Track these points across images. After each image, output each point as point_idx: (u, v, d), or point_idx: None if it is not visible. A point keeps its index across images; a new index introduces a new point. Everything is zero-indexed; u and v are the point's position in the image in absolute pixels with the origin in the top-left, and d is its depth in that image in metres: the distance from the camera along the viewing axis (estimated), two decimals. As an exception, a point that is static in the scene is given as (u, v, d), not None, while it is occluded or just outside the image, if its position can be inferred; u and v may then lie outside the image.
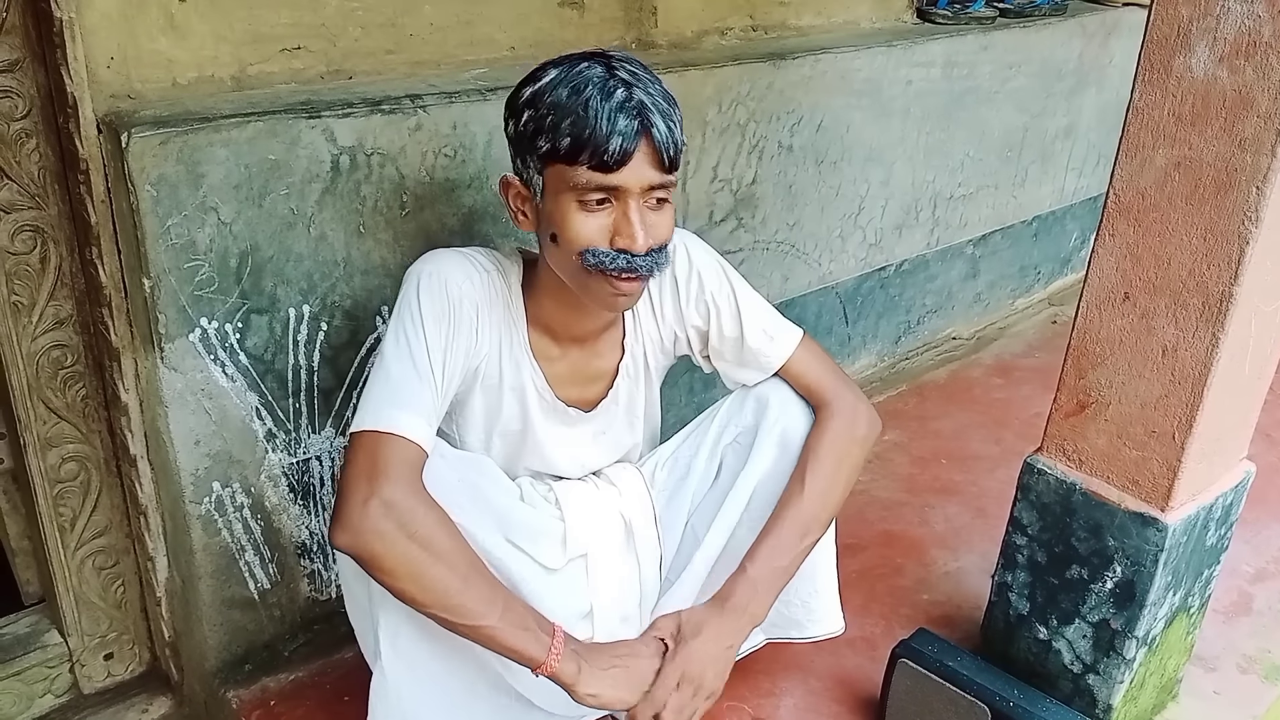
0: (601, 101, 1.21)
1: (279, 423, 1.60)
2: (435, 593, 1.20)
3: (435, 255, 1.37)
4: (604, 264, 1.27)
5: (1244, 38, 1.25)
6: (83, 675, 1.77)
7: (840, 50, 2.30)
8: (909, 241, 2.77)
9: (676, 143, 1.26)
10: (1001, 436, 2.58)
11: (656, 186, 1.27)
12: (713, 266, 1.49)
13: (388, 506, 1.18)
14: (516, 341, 1.42)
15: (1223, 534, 1.61)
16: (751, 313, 1.50)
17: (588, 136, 1.21)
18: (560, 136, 1.23)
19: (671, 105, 1.27)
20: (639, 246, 1.26)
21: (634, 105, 1.22)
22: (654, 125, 1.23)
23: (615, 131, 1.21)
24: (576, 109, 1.22)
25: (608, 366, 1.51)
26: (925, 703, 1.54)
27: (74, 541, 1.66)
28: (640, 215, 1.27)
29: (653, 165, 1.25)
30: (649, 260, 1.28)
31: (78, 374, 1.57)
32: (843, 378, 1.54)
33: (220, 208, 1.44)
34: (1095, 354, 1.49)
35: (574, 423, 1.51)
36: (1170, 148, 1.35)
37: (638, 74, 1.26)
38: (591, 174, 1.23)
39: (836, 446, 1.47)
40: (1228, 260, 1.32)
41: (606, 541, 1.52)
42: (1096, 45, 3.07)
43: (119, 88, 1.42)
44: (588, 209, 1.26)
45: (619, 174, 1.23)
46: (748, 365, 1.53)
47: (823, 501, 1.46)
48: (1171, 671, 1.71)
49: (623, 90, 1.22)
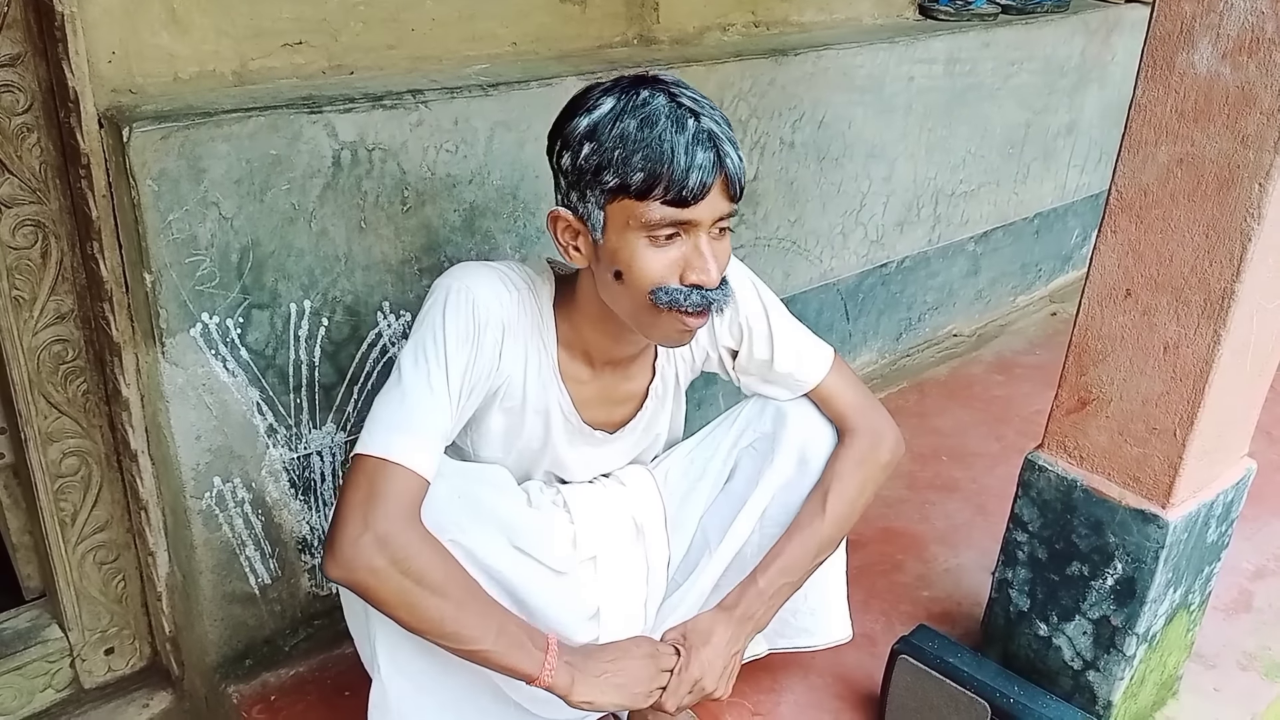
0: (676, 134, 1.17)
1: (280, 418, 1.60)
2: (430, 622, 1.19)
3: (465, 270, 1.31)
4: (678, 302, 1.23)
5: (1247, 34, 1.25)
6: (83, 670, 1.77)
7: (842, 46, 2.30)
8: (910, 238, 2.76)
9: (744, 172, 1.23)
10: (1002, 433, 2.58)
11: (725, 216, 1.24)
12: (748, 287, 1.46)
13: (381, 542, 1.16)
14: (545, 363, 1.38)
15: (1223, 531, 1.61)
16: (784, 336, 1.48)
17: (665, 170, 1.17)
18: (632, 171, 1.18)
19: (733, 131, 1.24)
20: (713, 280, 1.23)
21: (707, 137, 1.19)
22: (728, 155, 1.20)
23: (695, 166, 1.17)
24: (650, 142, 1.17)
25: (637, 389, 1.49)
26: (925, 699, 1.54)
27: (75, 536, 1.66)
28: (712, 249, 1.23)
29: (725, 196, 1.22)
30: (720, 294, 1.25)
31: (79, 369, 1.57)
32: (870, 401, 1.53)
33: (221, 203, 1.44)
34: (1097, 350, 1.49)
35: (598, 444, 1.50)
36: (1173, 144, 1.35)
37: (699, 100, 1.22)
38: (666, 209, 1.19)
39: (861, 471, 1.47)
40: (1230, 257, 1.32)
41: (616, 543, 1.52)
42: (1099, 42, 3.07)
43: (120, 82, 1.42)
44: (658, 244, 1.22)
45: (695, 209, 1.20)
46: (774, 384, 1.52)
47: (841, 525, 1.46)
48: (1172, 668, 1.71)
49: (693, 121, 1.19)
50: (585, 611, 1.45)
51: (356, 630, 1.37)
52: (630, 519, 1.54)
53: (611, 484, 1.56)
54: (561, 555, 1.42)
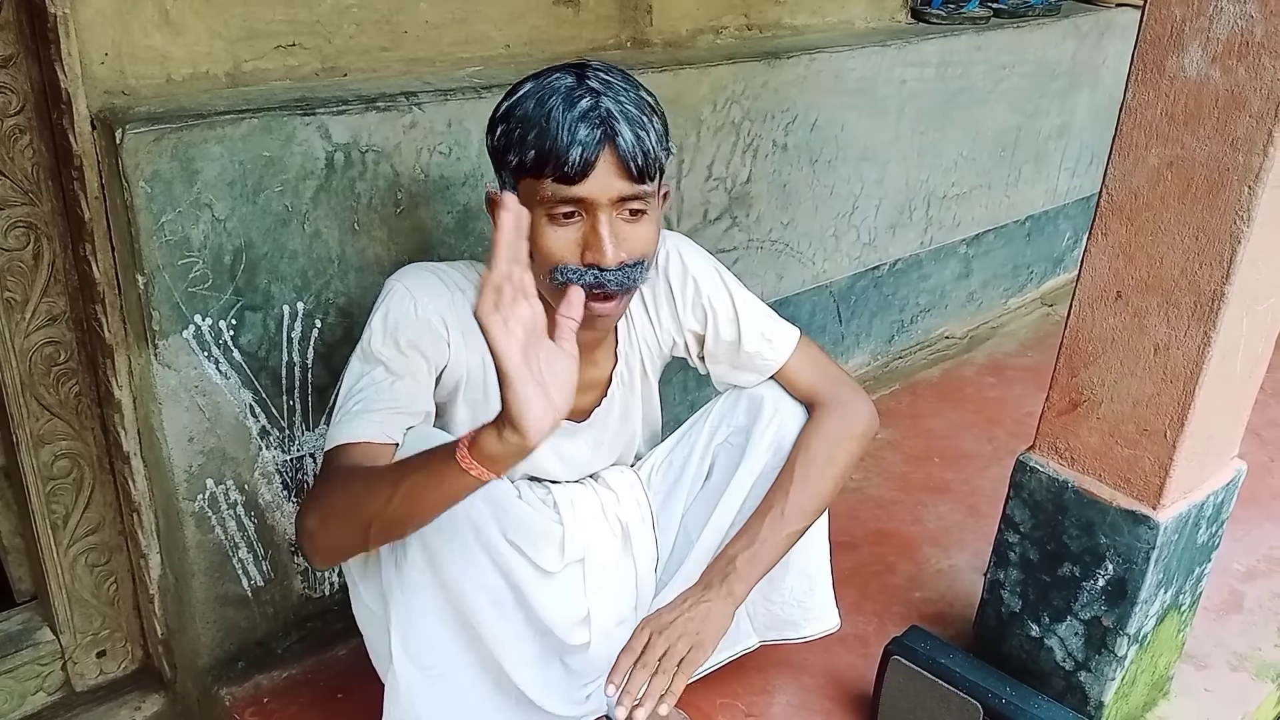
0: (564, 111, 1.19)
1: (273, 420, 1.60)
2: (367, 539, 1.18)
3: (407, 271, 1.35)
4: (572, 281, 1.23)
5: (1236, 38, 1.26)
6: (75, 673, 1.76)
7: (835, 50, 2.31)
8: (903, 241, 2.77)
9: (647, 152, 1.21)
10: (994, 435, 2.59)
11: (628, 198, 1.23)
12: (708, 270, 1.48)
13: (305, 512, 1.20)
14: None
15: (1214, 532, 1.61)
16: (749, 316, 1.48)
17: (549, 148, 1.19)
18: (526, 150, 1.21)
19: (646, 114, 1.23)
20: (608, 260, 1.23)
21: (598, 114, 1.19)
22: (618, 134, 1.19)
23: (575, 141, 1.18)
24: (540, 120, 1.20)
25: (601, 375, 1.50)
26: (918, 700, 1.55)
27: (66, 539, 1.66)
28: (611, 228, 1.23)
29: (620, 175, 1.21)
30: (620, 275, 1.25)
31: (71, 371, 1.57)
32: (840, 377, 1.54)
33: (214, 204, 1.44)
34: (1088, 352, 1.50)
35: (568, 434, 1.50)
36: (1163, 147, 1.36)
37: (611, 82, 1.23)
38: (556, 186, 1.20)
39: (829, 441, 1.47)
40: (1219, 259, 1.33)
41: (604, 546, 1.52)
42: (1090, 45, 3.08)
43: (113, 84, 1.42)
44: (556, 223, 1.23)
45: (583, 185, 1.20)
46: (743, 368, 1.52)
47: (810, 493, 1.45)
48: (1163, 669, 1.71)
49: (588, 99, 1.20)
50: (575, 615, 1.45)
51: (367, 621, 1.36)
52: (618, 521, 1.54)
53: (599, 487, 1.56)
54: (549, 556, 1.42)
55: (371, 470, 1.20)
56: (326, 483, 1.22)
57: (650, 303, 1.49)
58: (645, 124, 1.22)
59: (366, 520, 1.15)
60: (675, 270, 1.47)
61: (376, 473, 1.17)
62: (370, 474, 1.18)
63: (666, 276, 1.47)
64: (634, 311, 1.48)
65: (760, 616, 1.59)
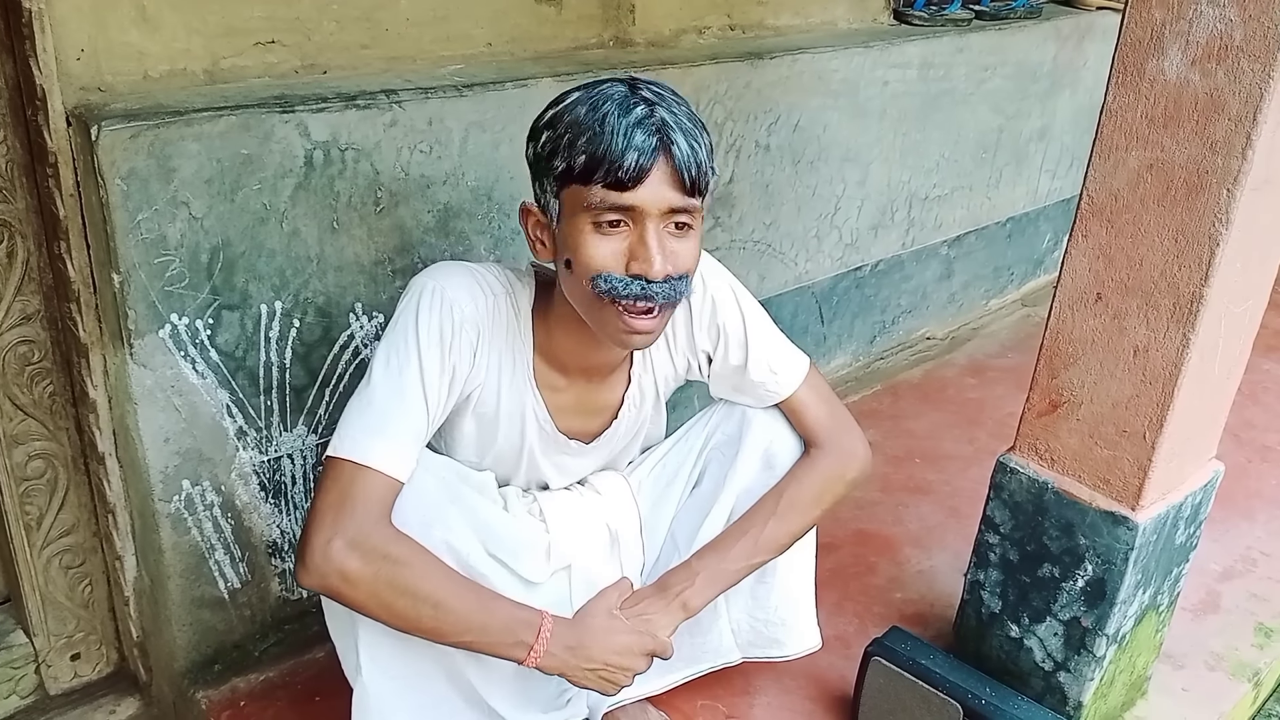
0: (620, 118, 1.17)
1: (250, 420, 1.59)
2: (408, 621, 1.19)
3: (441, 270, 1.30)
4: (616, 291, 1.20)
5: (1215, 41, 1.27)
6: (49, 676, 1.74)
7: (817, 50, 2.31)
8: (884, 242, 2.78)
9: (700, 164, 1.19)
10: (975, 436, 2.60)
11: (678, 210, 1.20)
12: (725, 292, 1.45)
13: (350, 546, 1.16)
14: (520, 369, 1.36)
15: (1192, 533, 1.62)
16: (759, 344, 1.46)
17: (603, 153, 1.16)
18: (576, 154, 1.18)
19: (698, 127, 1.21)
20: (655, 272, 1.19)
21: (654, 122, 1.17)
22: (674, 143, 1.17)
23: (631, 146, 1.15)
24: (593, 125, 1.17)
25: (613, 399, 1.47)
26: (898, 700, 1.55)
27: (40, 540, 1.64)
28: (659, 240, 1.20)
29: (672, 186, 1.18)
30: (665, 288, 1.21)
31: (45, 370, 1.55)
32: (842, 416, 1.52)
33: (191, 202, 1.42)
34: (1068, 354, 1.50)
35: (573, 454, 1.49)
36: (1143, 150, 1.36)
37: (662, 94, 1.21)
38: (607, 193, 1.17)
39: (821, 483, 1.47)
40: (1198, 262, 1.33)
41: (591, 552, 1.51)
42: (1071, 48, 3.10)
43: (89, 80, 1.40)
44: (602, 231, 1.20)
45: (635, 193, 1.17)
46: (744, 393, 1.51)
47: (787, 529, 1.46)
48: (1141, 669, 1.72)
49: (643, 108, 1.18)
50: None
51: (337, 631, 1.34)
52: (606, 527, 1.53)
53: (587, 492, 1.55)
54: (535, 567, 1.41)
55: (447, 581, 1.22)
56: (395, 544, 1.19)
57: (669, 325, 1.45)
58: (699, 137, 1.20)
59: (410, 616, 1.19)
60: (695, 289, 1.42)
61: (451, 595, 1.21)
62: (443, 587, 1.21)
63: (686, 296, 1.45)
64: None
65: (744, 633, 1.59)
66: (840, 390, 2.74)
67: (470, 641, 1.22)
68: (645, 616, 1.38)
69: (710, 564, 1.43)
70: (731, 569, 1.43)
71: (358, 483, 1.18)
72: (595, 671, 1.31)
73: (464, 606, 1.21)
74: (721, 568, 1.43)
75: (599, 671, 1.32)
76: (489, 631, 1.23)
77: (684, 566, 1.44)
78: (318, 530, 1.17)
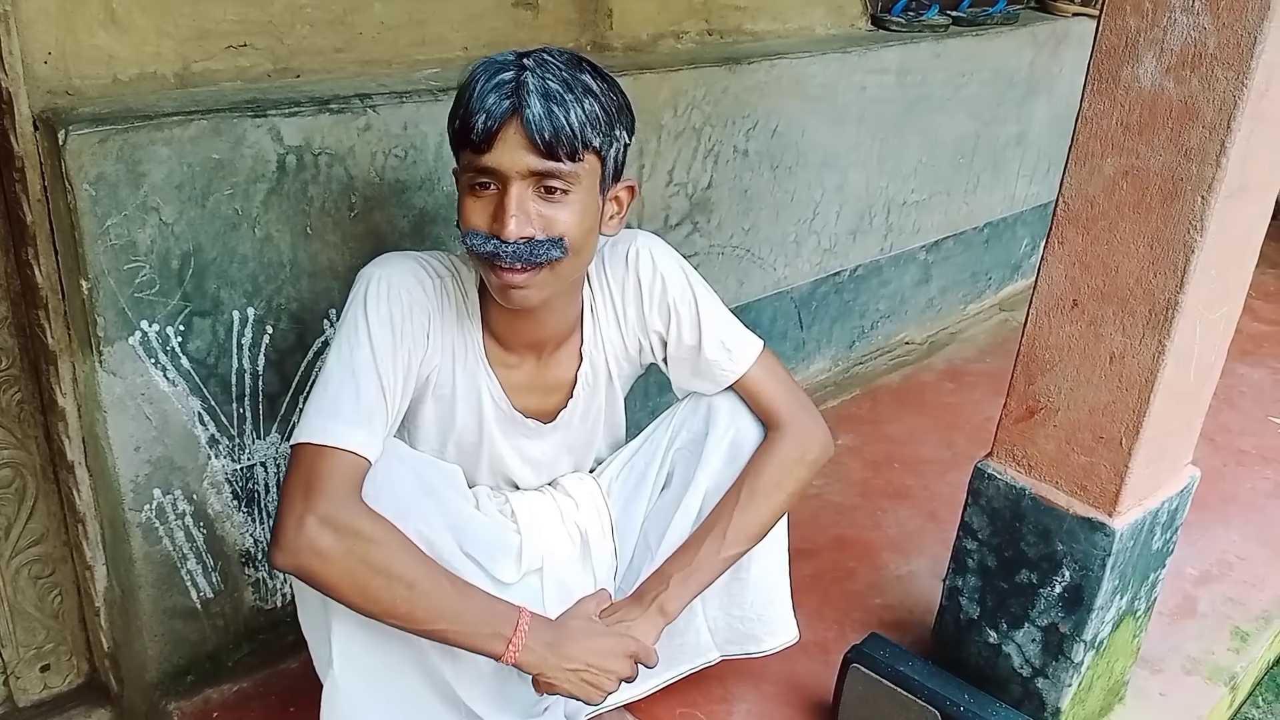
0: (484, 83, 1.19)
1: (222, 428, 1.57)
2: (382, 603, 1.18)
3: (386, 259, 1.33)
4: (475, 248, 1.23)
5: (1190, 49, 1.27)
6: (17, 688, 1.71)
7: (795, 56, 2.31)
8: (863, 247, 2.78)
9: (559, 128, 1.18)
10: (953, 441, 2.60)
11: (541, 174, 1.21)
12: (676, 271, 1.46)
13: (323, 523, 1.15)
14: (471, 349, 1.38)
15: (1168, 538, 1.63)
16: (711, 322, 1.47)
17: (463, 115, 1.20)
18: (454, 119, 1.23)
19: (576, 93, 1.20)
20: (507, 232, 1.20)
21: (510, 85, 1.18)
22: (527, 105, 1.17)
23: (482, 109, 1.18)
24: (464, 92, 1.21)
25: (566, 376, 1.48)
26: (877, 707, 1.55)
27: (9, 550, 1.61)
28: (519, 202, 1.21)
29: (527, 149, 1.19)
30: (518, 248, 1.21)
31: (13, 378, 1.52)
32: (798, 398, 1.52)
33: (162, 208, 1.40)
34: (1044, 360, 1.50)
35: (533, 435, 1.49)
36: (1118, 157, 1.36)
37: (548, 61, 1.21)
38: (470, 155, 1.21)
39: (781, 467, 1.47)
40: (1173, 268, 1.34)
41: (562, 554, 1.50)
42: (1047, 54, 3.12)
43: (57, 83, 1.38)
44: (475, 193, 1.24)
45: (491, 154, 1.19)
46: (701, 376, 1.51)
47: (753, 518, 1.45)
48: (1118, 674, 1.72)
49: (511, 73, 1.19)
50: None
51: (309, 623, 1.33)
52: (576, 529, 1.52)
53: (558, 494, 1.55)
54: (506, 567, 1.40)
55: (423, 566, 1.21)
56: (369, 522, 1.18)
57: (618, 300, 1.46)
58: (567, 101, 1.19)
59: (384, 599, 1.18)
60: (645, 268, 1.45)
61: (425, 579, 1.19)
62: (419, 571, 1.20)
63: (636, 273, 1.45)
64: (599, 310, 1.46)
65: (721, 631, 1.58)
66: (819, 395, 2.74)
67: (445, 630, 1.21)
68: (625, 624, 1.38)
69: (682, 566, 1.43)
70: (704, 568, 1.43)
71: (322, 463, 1.19)
72: (577, 673, 1.30)
73: (440, 591, 1.20)
74: (693, 568, 1.43)
75: (581, 673, 1.30)
76: (465, 620, 1.21)
77: (657, 573, 1.44)
78: (289, 511, 1.17)
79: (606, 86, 1.25)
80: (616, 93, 1.27)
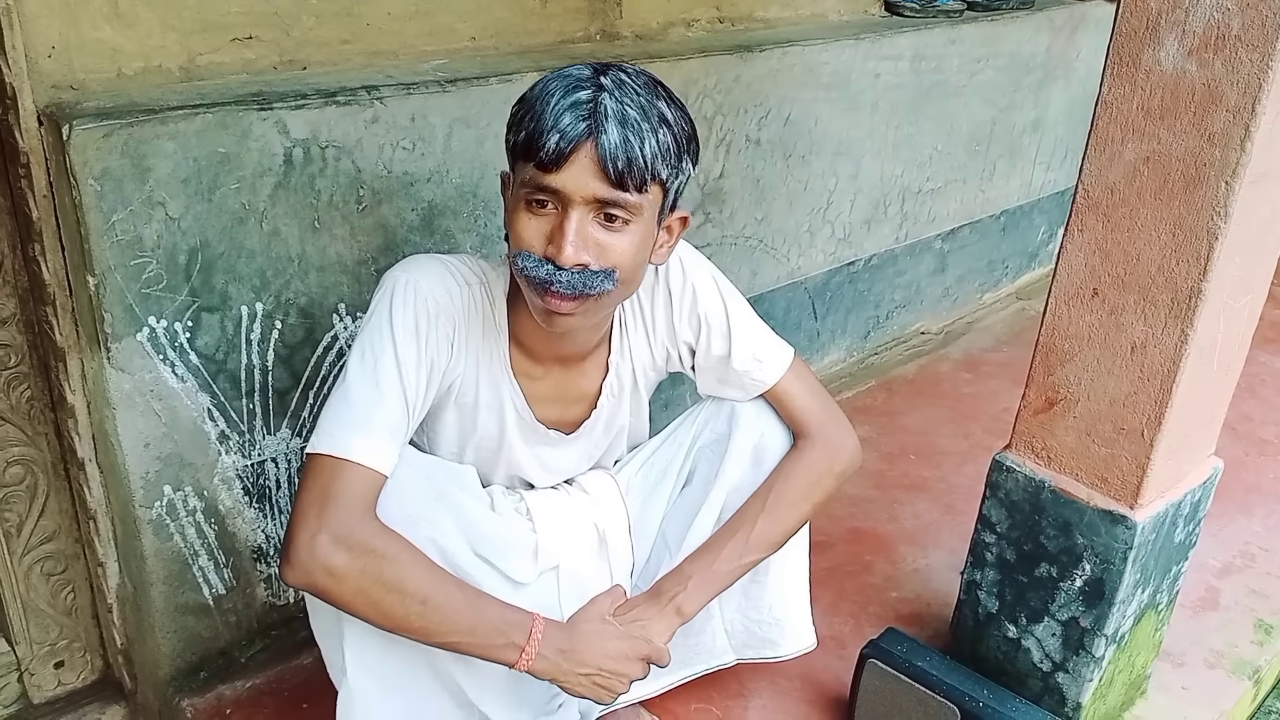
0: (560, 98, 1.14)
1: (232, 424, 1.56)
2: (395, 619, 1.17)
3: (414, 263, 1.29)
4: (526, 270, 1.19)
5: (1213, 31, 1.24)
6: (32, 684, 1.71)
7: (808, 43, 2.28)
8: (877, 236, 2.75)
9: (634, 159, 1.14)
10: (970, 431, 2.58)
11: (606, 202, 1.16)
12: (707, 281, 1.43)
13: (336, 541, 1.13)
14: (497, 358, 1.35)
15: (1191, 530, 1.60)
16: (742, 333, 1.44)
17: (534, 131, 1.15)
18: (519, 131, 1.18)
19: (652, 122, 1.16)
20: (564, 258, 1.16)
21: (589, 107, 1.14)
22: (604, 131, 1.13)
23: (556, 128, 1.13)
24: (536, 103, 1.16)
25: (591, 387, 1.45)
26: (894, 703, 1.53)
27: (21, 547, 1.61)
28: (579, 227, 1.17)
29: (597, 175, 1.14)
30: (572, 277, 1.18)
31: (22, 375, 1.52)
32: (829, 408, 1.50)
33: (168, 202, 1.39)
34: (1064, 350, 1.48)
35: (554, 445, 1.47)
36: (1139, 142, 1.34)
37: (625, 83, 1.17)
38: (535, 172, 1.16)
39: (809, 477, 1.44)
40: (1196, 256, 1.31)
41: (578, 552, 1.49)
42: (1064, 39, 3.07)
43: (61, 78, 1.37)
44: (531, 210, 1.19)
45: (558, 175, 1.15)
46: (730, 384, 1.48)
47: (778, 526, 1.43)
48: (1140, 668, 1.70)
49: (589, 92, 1.15)
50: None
51: (322, 631, 1.32)
52: (594, 527, 1.51)
53: (575, 491, 1.53)
54: (522, 567, 1.39)
55: (436, 579, 1.19)
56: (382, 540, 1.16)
57: (648, 311, 1.43)
58: (643, 131, 1.15)
59: (398, 614, 1.17)
60: (675, 277, 1.42)
61: (439, 594, 1.18)
62: (432, 585, 1.18)
63: (666, 283, 1.42)
64: (629, 322, 1.43)
65: (738, 634, 1.57)
66: (834, 386, 2.71)
67: (459, 642, 1.20)
68: (640, 623, 1.36)
69: (702, 567, 1.41)
70: (724, 570, 1.41)
71: (339, 478, 1.17)
72: (589, 677, 1.29)
73: (453, 604, 1.19)
74: (713, 570, 1.41)
75: (593, 677, 1.29)
76: (478, 632, 1.20)
77: (676, 571, 1.42)
78: (302, 527, 1.15)
79: (680, 115, 1.22)
80: (688, 122, 1.24)
